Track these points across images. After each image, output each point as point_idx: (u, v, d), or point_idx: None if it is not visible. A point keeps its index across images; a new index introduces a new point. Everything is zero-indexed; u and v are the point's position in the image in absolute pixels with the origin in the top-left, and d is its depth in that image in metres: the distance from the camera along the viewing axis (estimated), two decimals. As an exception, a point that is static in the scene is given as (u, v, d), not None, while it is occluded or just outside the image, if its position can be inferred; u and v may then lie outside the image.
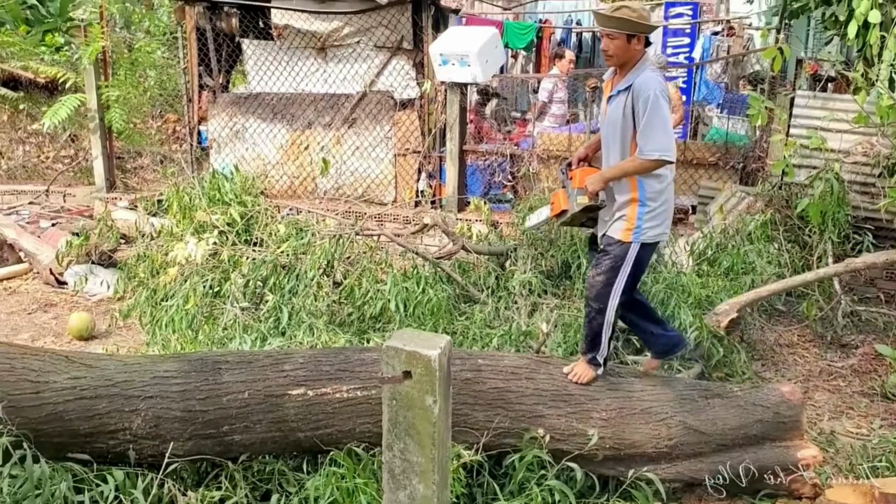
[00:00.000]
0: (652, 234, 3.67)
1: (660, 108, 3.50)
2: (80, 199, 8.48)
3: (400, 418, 1.89)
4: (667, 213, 3.71)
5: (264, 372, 3.35)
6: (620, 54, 3.62)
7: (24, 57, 9.53)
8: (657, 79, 3.59)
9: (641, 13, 3.61)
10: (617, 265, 3.66)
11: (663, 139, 3.50)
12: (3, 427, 2.80)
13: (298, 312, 5.03)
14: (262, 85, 8.40)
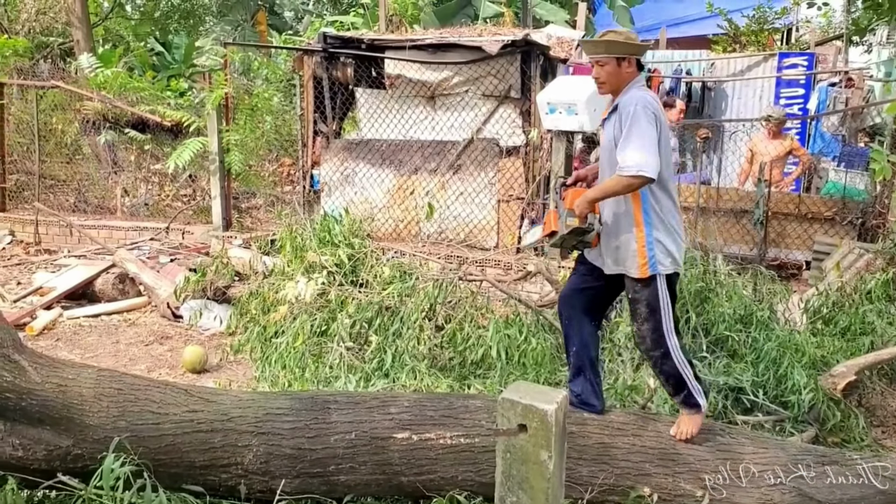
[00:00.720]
0: (668, 263, 3.52)
1: (639, 122, 3.35)
2: (198, 237, 8.89)
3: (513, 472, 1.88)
4: (676, 240, 3.55)
5: (371, 414, 3.40)
6: (613, 80, 3.54)
7: (151, 101, 10.17)
8: (644, 95, 3.46)
9: (628, 35, 3.59)
10: (654, 306, 3.52)
11: (641, 154, 3.31)
12: (126, 456, 2.94)
13: (401, 355, 5.10)
14: (372, 131, 8.66)
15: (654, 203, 3.49)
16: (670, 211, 3.54)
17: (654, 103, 3.45)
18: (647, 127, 3.34)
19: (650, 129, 3.35)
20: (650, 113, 3.38)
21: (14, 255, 9.25)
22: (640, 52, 3.56)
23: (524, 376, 4.84)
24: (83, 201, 10.34)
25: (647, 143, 3.33)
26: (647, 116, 3.36)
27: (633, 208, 3.50)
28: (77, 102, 10.29)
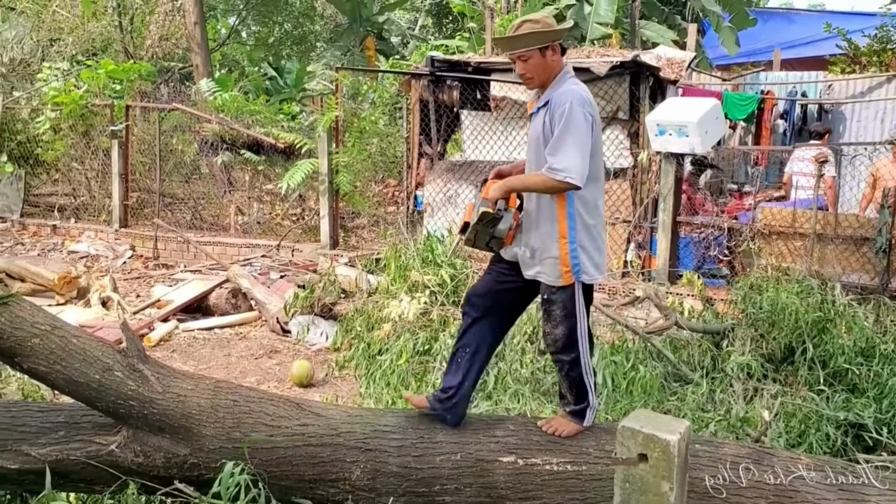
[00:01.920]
0: (592, 272, 3.32)
1: (573, 122, 3.11)
2: (307, 255, 9.13)
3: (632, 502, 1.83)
4: (600, 247, 3.35)
5: (476, 436, 3.38)
6: (541, 72, 3.31)
7: (266, 124, 10.56)
8: (578, 91, 3.22)
9: (545, 21, 3.35)
10: (570, 310, 3.32)
11: (572, 158, 3.09)
12: (243, 465, 3.02)
13: (504, 377, 5.07)
14: (476, 153, 8.70)
15: (580, 207, 3.26)
16: (597, 215, 3.35)
17: (589, 100, 3.23)
18: (581, 129, 3.12)
19: (584, 131, 3.13)
20: (586, 113, 3.16)
21: (134, 269, 9.74)
22: (561, 36, 3.35)
23: (631, 404, 4.72)
24: (199, 219, 10.81)
25: (579, 147, 3.11)
26: (584, 116, 3.14)
27: (559, 213, 3.26)
28: (196, 124, 10.80)
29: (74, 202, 11.49)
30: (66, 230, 10.86)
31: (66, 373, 3.07)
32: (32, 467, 3.22)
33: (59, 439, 3.26)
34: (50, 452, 3.22)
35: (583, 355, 3.38)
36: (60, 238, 10.75)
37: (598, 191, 3.34)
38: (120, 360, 3.15)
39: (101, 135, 10.96)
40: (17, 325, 3.02)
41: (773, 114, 11.02)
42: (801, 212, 7.31)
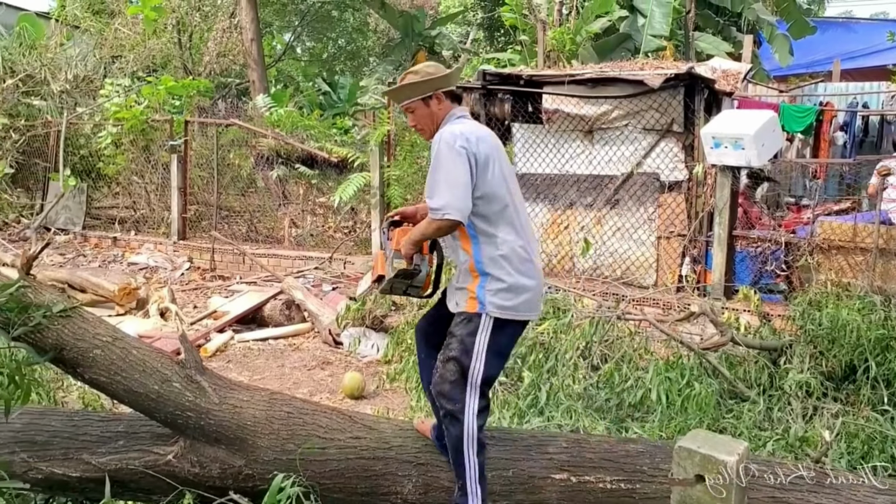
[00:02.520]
0: (504, 308, 3.06)
1: (441, 160, 2.99)
2: (358, 267, 9.21)
3: (689, 524, 1.79)
4: (519, 285, 3.08)
5: (528, 452, 3.36)
6: (428, 122, 3.23)
7: (320, 138, 10.71)
8: (451, 130, 3.06)
9: (427, 70, 3.23)
10: (467, 348, 3.05)
11: (444, 196, 2.97)
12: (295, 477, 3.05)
13: (556, 393, 5.02)
14: (527, 166, 8.68)
15: (483, 241, 3.09)
16: (507, 246, 3.09)
17: (461, 136, 3.02)
18: (450, 165, 2.98)
19: (454, 166, 2.97)
20: (456, 147, 2.99)
21: (191, 281, 9.94)
22: (447, 83, 3.21)
23: (686, 422, 4.64)
24: (254, 231, 11.00)
25: (450, 182, 2.97)
26: (451, 152, 2.99)
27: (463, 249, 3.14)
28: (252, 139, 11.01)
29: (134, 215, 11.80)
30: (126, 242, 11.16)
31: (126, 383, 3.14)
32: (93, 475, 3.29)
33: (119, 448, 3.33)
34: (109, 461, 3.29)
35: (468, 413, 3.04)
36: (121, 250, 11.05)
37: (501, 221, 3.11)
38: (178, 371, 3.21)
39: (161, 149, 11.25)
40: (79, 336, 3.11)
41: (832, 126, 10.77)
42: (863, 226, 7.12)
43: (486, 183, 3.05)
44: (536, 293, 3.18)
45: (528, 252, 3.15)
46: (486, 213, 3.07)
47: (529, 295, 3.13)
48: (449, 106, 3.23)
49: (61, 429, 3.39)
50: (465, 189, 2.98)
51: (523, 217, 3.23)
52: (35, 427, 3.36)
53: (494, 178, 3.06)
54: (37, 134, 11.85)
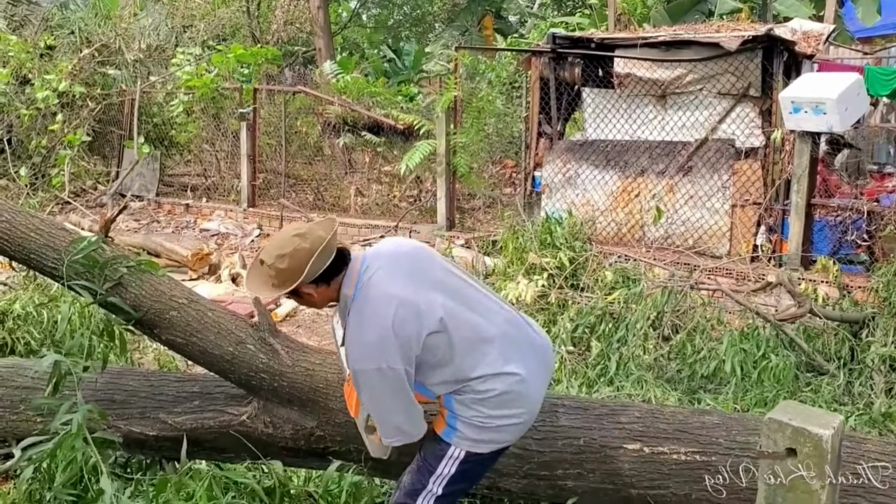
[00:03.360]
0: (480, 442, 2.62)
1: (369, 393, 2.52)
2: (423, 236, 9.20)
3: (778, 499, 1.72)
4: (502, 423, 2.62)
5: (600, 421, 3.30)
6: (322, 301, 2.65)
7: (385, 105, 10.70)
8: (363, 346, 2.48)
9: (279, 268, 2.48)
10: (430, 468, 2.63)
11: (396, 426, 2.57)
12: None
13: (626, 363, 4.94)
14: (597, 132, 8.51)
15: (462, 411, 2.61)
16: (486, 401, 2.59)
17: (376, 349, 2.43)
18: (381, 395, 2.50)
19: (386, 395, 2.49)
20: (376, 372, 2.44)
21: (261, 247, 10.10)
22: (315, 271, 2.47)
23: (762, 395, 4.51)
24: (321, 199, 11.09)
25: (395, 409, 2.53)
26: (374, 382, 2.47)
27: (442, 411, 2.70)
28: (319, 107, 11.06)
29: (205, 182, 12.02)
30: (198, 209, 11.38)
31: (202, 345, 3.19)
32: (169, 434, 3.37)
33: (194, 408, 3.39)
34: (185, 421, 3.36)
35: None
36: (193, 216, 11.28)
37: (478, 379, 2.59)
38: (252, 333, 3.24)
39: (231, 117, 11.40)
40: (156, 297, 3.16)
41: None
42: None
43: (428, 353, 2.52)
44: (530, 415, 2.71)
45: (504, 380, 2.59)
46: (433, 363, 2.55)
47: (518, 420, 2.66)
48: (329, 290, 2.57)
49: (139, 388, 3.48)
50: (408, 409, 2.54)
51: (481, 317, 2.62)
52: (114, 386, 3.45)
53: (432, 338, 2.51)
54: (112, 103, 12.13)
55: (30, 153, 11.38)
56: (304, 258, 2.43)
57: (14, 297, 4.38)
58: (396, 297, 2.47)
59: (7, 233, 3.06)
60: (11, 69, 11.04)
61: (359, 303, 2.51)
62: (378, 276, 2.52)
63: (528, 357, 2.67)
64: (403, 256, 2.64)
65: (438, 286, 2.57)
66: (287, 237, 2.52)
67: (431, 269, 2.62)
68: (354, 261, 2.57)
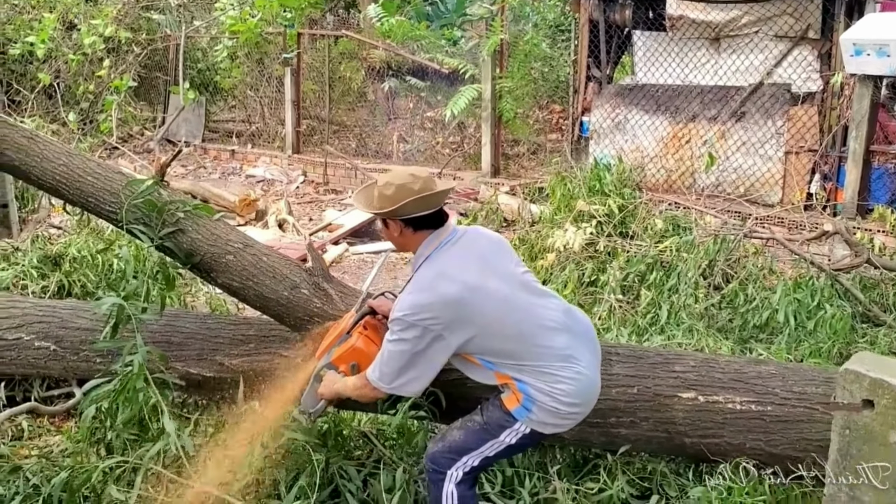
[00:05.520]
0: (545, 425, 2.63)
1: (390, 342, 2.56)
2: (468, 183, 9.14)
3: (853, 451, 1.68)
4: (568, 413, 2.64)
5: (654, 370, 3.27)
6: (397, 244, 2.74)
7: (430, 49, 10.54)
8: (414, 300, 2.52)
9: (383, 192, 2.59)
10: (487, 434, 2.64)
11: (390, 374, 2.58)
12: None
13: (678, 312, 4.88)
14: (648, 76, 8.31)
15: (539, 397, 2.60)
16: (560, 391, 2.60)
17: (425, 308, 2.49)
18: (403, 345, 2.53)
19: (415, 352, 2.52)
20: (411, 328, 2.49)
21: (306, 194, 10.14)
22: (408, 210, 2.57)
23: (817, 345, 4.43)
24: (363, 146, 11.05)
25: (413, 367, 2.56)
26: (402, 337, 2.52)
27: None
28: (363, 51, 10.94)
29: (249, 128, 12.05)
30: (243, 155, 11.43)
31: (258, 289, 3.22)
32: (225, 376, 3.43)
33: (250, 351, 3.44)
34: (242, 363, 3.42)
35: (446, 487, 2.65)
36: (238, 162, 11.35)
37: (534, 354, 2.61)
38: (306, 278, 3.26)
39: (275, 62, 11.35)
40: (212, 242, 3.18)
41: None
42: None
43: (481, 333, 2.55)
44: (591, 406, 2.74)
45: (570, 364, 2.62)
46: (507, 353, 2.60)
47: (583, 412, 2.71)
48: (414, 237, 2.65)
49: (196, 331, 3.53)
50: (419, 372, 2.57)
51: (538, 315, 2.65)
52: (171, 328, 3.50)
53: (486, 317, 2.55)
54: (157, 48, 12.15)
55: (77, 99, 11.49)
56: (406, 194, 2.55)
57: (69, 241, 4.45)
58: (461, 280, 2.54)
59: (64, 176, 3.10)
60: (58, 14, 11.08)
61: (431, 266, 2.61)
62: (455, 251, 2.63)
63: (589, 349, 2.75)
64: (483, 242, 2.73)
65: (505, 276, 2.65)
66: (405, 172, 2.66)
67: (503, 259, 2.72)
68: (446, 228, 2.68)
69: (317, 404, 2.86)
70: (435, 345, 2.52)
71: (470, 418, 2.71)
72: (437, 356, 2.55)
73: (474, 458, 2.64)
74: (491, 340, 2.57)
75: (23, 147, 3.05)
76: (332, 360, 2.87)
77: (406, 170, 2.69)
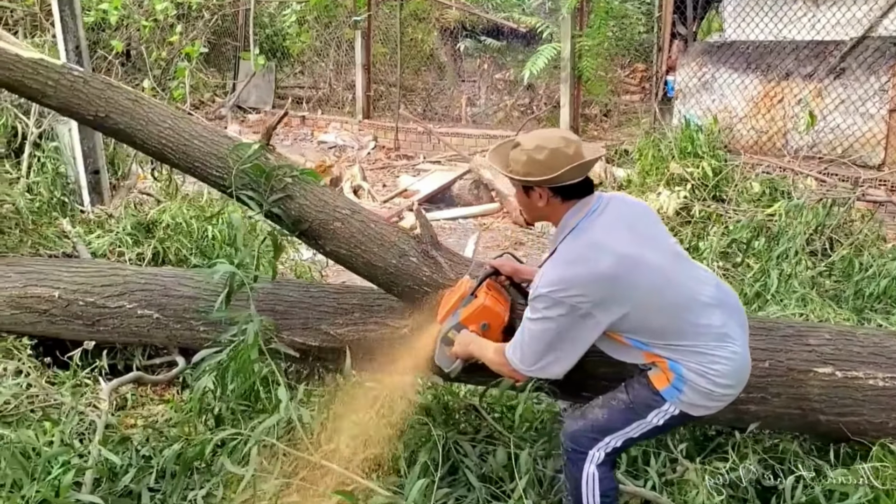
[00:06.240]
0: (696, 407, 2.43)
1: (539, 312, 2.34)
2: (545, 146, 8.89)
3: None
4: (722, 395, 2.43)
5: (787, 343, 3.05)
6: (528, 212, 2.54)
7: (506, 8, 10.24)
8: (561, 274, 2.31)
9: (533, 157, 2.33)
10: (632, 414, 2.45)
11: (532, 356, 2.40)
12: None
13: (788, 280, 4.61)
14: (738, 33, 7.91)
15: (693, 378, 2.39)
16: (715, 371, 2.40)
17: (574, 283, 2.28)
18: (547, 323, 2.33)
19: (560, 330, 2.33)
20: (557, 305, 2.30)
21: (377, 160, 10.03)
22: (573, 175, 2.34)
23: (943, 316, 4.14)
24: (430, 109, 10.84)
25: (556, 346, 2.37)
26: (547, 315, 2.32)
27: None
28: (435, 11, 10.69)
29: (316, 94, 11.96)
30: (313, 121, 11.36)
31: (366, 256, 3.09)
32: (331, 345, 3.33)
33: (356, 320, 3.33)
34: (348, 332, 3.31)
35: (588, 465, 2.47)
36: (309, 129, 11.28)
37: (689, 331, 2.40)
38: (415, 245, 3.12)
39: (344, 26, 11.19)
40: (320, 208, 3.06)
41: None
42: None
43: (635, 309, 2.34)
44: (743, 385, 2.53)
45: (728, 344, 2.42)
46: (660, 331, 2.39)
47: (735, 393, 2.50)
48: (560, 205, 2.42)
49: (299, 299, 3.43)
50: (563, 353, 2.39)
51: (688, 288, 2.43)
52: (274, 297, 3.41)
53: (641, 292, 2.33)
54: (226, 14, 12.10)
55: (149, 66, 11.52)
56: (563, 160, 2.31)
57: (163, 208, 4.40)
58: (614, 251, 2.33)
59: (170, 139, 3.00)
60: (130, -19, 11.09)
61: (579, 237, 2.38)
62: (603, 220, 2.40)
63: (741, 324, 2.52)
64: (629, 210, 2.51)
65: (657, 246, 2.45)
66: (553, 135, 2.41)
67: (652, 227, 2.52)
68: (591, 196, 2.45)
69: (452, 364, 2.75)
70: (583, 323, 2.32)
71: (613, 396, 2.50)
72: (585, 336, 2.36)
73: (617, 439, 2.46)
74: (644, 318, 2.35)
75: (128, 109, 2.96)
76: (461, 321, 2.75)
77: (554, 132, 2.47)
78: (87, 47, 4.64)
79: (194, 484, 2.82)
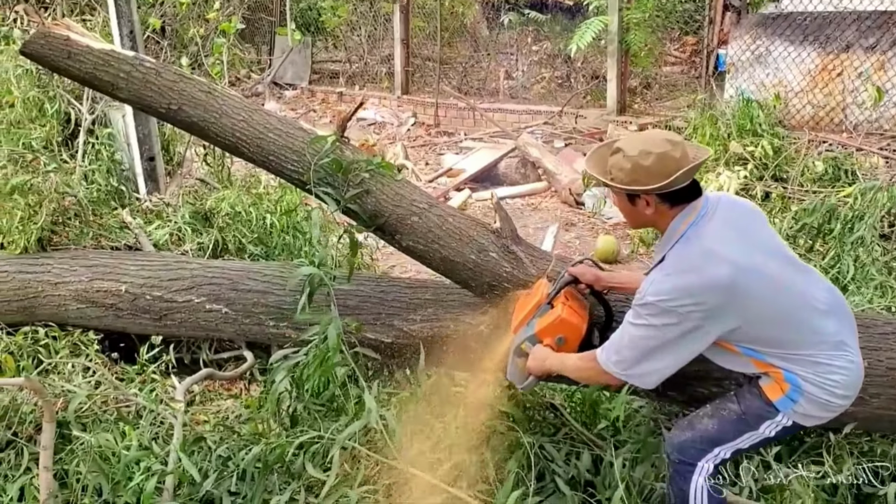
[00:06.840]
0: (810, 417, 2.34)
1: (634, 324, 2.25)
2: (591, 122, 8.70)
3: None
4: (839, 406, 2.34)
5: (886, 341, 2.91)
6: (631, 220, 2.42)
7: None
8: (673, 283, 2.18)
9: (640, 163, 2.20)
10: (743, 425, 2.35)
11: (631, 360, 2.29)
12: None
13: (865, 267, 4.44)
14: (794, 4, 7.63)
15: (810, 389, 2.30)
16: (832, 382, 2.30)
17: (688, 292, 2.16)
18: (641, 336, 2.25)
19: (665, 338, 2.22)
20: (666, 314, 2.18)
21: (417, 137, 9.87)
22: (683, 179, 2.22)
23: None
24: (466, 83, 10.63)
25: (650, 349, 2.26)
26: (652, 323, 2.21)
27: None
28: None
29: (350, 69, 11.78)
30: (351, 97, 11.18)
31: (443, 252, 2.99)
32: (404, 342, 3.25)
33: (430, 316, 3.24)
34: (422, 328, 3.22)
35: (696, 477, 2.38)
36: (346, 105, 11.11)
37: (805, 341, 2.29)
38: (494, 240, 3.01)
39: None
40: (397, 202, 2.96)
41: None
42: None
43: (748, 320, 2.23)
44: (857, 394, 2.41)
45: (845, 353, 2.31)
46: (775, 340, 2.28)
47: (849, 403, 2.39)
48: (667, 213, 2.30)
49: (370, 294, 3.34)
50: (664, 363, 2.28)
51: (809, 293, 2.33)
52: (344, 292, 3.31)
53: (755, 301, 2.21)
54: (261, -12, 11.98)
55: (185, 43, 11.42)
56: (672, 166, 2.19)
57: (222, 196, 4.31)
58: (728, 260, 2.20)
59: (245, 133, 2.90)
60: (165, -43, 10.96)
61: (691, 244, 2.25)
62: (713, 226, 2.27)
63: (853, 331, 2.42)
64: (738, 212, 2.38)
65: (769, 251, 2.33)
66: (657, 138, 2.27)
67: (764, 231, 2.41)
68: (699, 199, 2.32)
69: (525, 381, 2.63)
70: (691, 335, 2.21)
71: (723, 406, 2.40)
72: (691, 347, 2.25)
73: (727, 451, 2.37)
74: (758, 327, 2.24)
75: (201, 102, 2.86)
76: (536, 332, 2.63)
77: (656, 134, 2.32)
78: (140, 31, 4.54)
79: (272, 485, 2.76)
